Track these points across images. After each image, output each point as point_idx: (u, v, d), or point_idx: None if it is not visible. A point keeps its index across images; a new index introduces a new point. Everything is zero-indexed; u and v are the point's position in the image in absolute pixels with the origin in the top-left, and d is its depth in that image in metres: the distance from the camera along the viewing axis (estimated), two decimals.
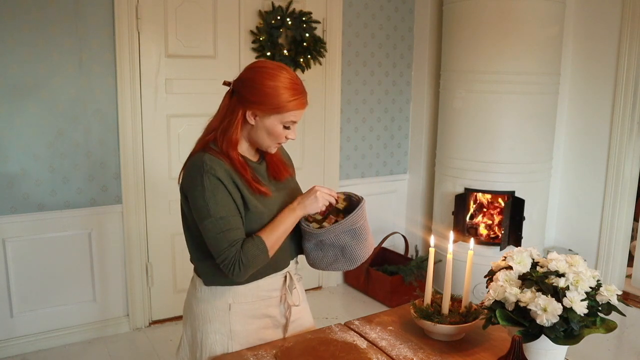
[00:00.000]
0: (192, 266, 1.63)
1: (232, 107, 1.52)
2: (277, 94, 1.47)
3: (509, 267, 1.41)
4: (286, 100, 1.47)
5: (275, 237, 1.49)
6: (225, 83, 1.55)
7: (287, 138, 1.55)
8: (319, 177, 3.73)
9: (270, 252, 1.48)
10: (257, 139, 1.54)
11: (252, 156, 1.59)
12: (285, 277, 1.61)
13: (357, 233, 1.57)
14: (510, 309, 1.33)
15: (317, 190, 1.53)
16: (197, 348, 1.57)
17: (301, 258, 1.68)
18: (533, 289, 1.33)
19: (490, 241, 3.49)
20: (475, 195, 3.54)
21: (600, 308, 1.32)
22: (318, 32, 3.50)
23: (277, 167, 1.64)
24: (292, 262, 1.65)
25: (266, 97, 1.47)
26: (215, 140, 1.53)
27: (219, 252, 1.44)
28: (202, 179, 1.44)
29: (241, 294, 1.55)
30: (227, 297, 1.55)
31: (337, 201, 1.60)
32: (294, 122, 1.53)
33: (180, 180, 1.54)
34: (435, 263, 3.39)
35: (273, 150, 1.57)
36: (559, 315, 1.26)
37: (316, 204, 1.52)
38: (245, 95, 1.49)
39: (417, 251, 3.97)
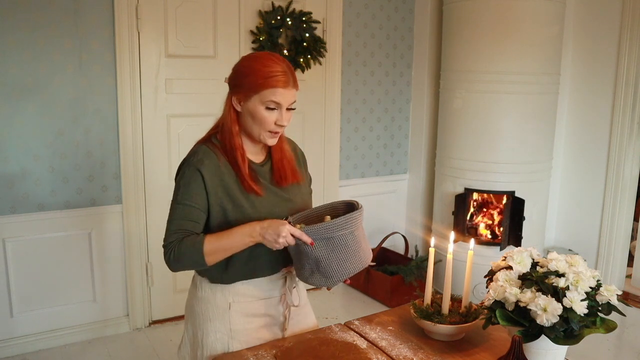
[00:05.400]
0: None
1: (226, 99, 1.54)
2: (252, 71, 1.45)
3: (509, 267, 1.41)
4: (262, 77, 1.43)
5: (217, 246, 1.41)
6: (225, 80, 1.56)
7: (277, 125, 1.48)
8: (319, 177, 3.74)
9: (207, 258, 1.41)
10: (247, 128, 1.51)
11: (256, 157, 1.57)
12: (286, 277, 1.61)
13: (334, 245, 1.40)
14: (510, 309, 1.33)
15: (285, 234, 1.38)
16: (198, 346, 1.57)
17: None
18: (533, 289, 1.33)
19: (490, 241, 3.49)
20: (475, 195, 3.54)
21: (600, 308, 1.32)
22: (318, 32, 3.50)
23: (282, 171, 1.58)
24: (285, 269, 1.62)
25: (243, 78, 1.47)
26: (217, 134, 1.54)
27: (165, 236, 1.46)
28: (186, 167, 1.48)
29: (241, 293, 1.55)
30: (227, 296, 1.55)
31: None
32: (277, 103, 1.45)
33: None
34: (435, 263, 3.39)
35: (269, 141, 1.51)
36: (559, 315, 1.26)
37: (273, 244, 1.40)
38: (230, 83, 1.52)
39: (417, 251, 3.97)
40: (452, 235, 1.64)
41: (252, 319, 1.57)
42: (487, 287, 1.44)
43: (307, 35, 3.38)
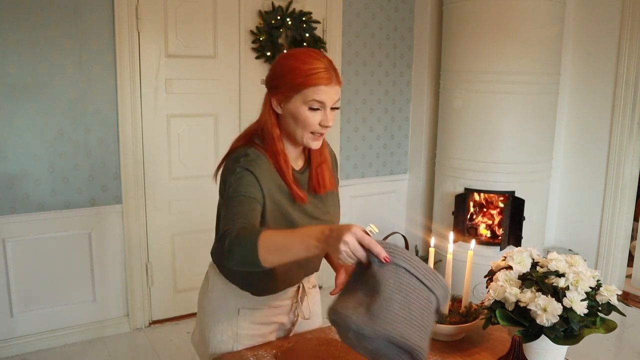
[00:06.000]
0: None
1: (265, 101, 1.44)
2: (292, 70, 1.35)
3: (509, 267, 1.41)
4: (303, 75, 1.33)
5: (275, 242, 1.17)
6: (262, 82, 1.51)
7: (322, 125, 1.38)
8: None
9: (261, 253, 1.16)
10: (289, 130, 1.41)
11: (295, 163, 1.49)
12: (299, 287, 1.59)
13: (408, 287, 1.06)
14: (510, 309, 1.33)
15: (349, 239, 1.08)
16: (204, 344, 1.58)
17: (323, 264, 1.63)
18: (533, 289, 1.33)
19: (490, 241, 3.49)
20: (475, 195, 3.54)
21: (600, 308, 1.32)
22: (318, 32, 3.49)
23: (320, 178, 1.49)
24: (305, 278, 1.60)
25: (282, 78, 1.36)
26: (257, 134, 1.44)
27: (219, 231, 1.28)
28: (237, 166, 1.34)
29: (252, 300, 1.52)
30: (237, 301, 1.52)
31: (367, 263, 1.10)
32: (321, 103, 1.35)
33: (219, 175, 1.43)
34: (435, 263, 3.39)
35: (313, 144, 1.41)
36: (559, 315, 1.26)
37: (336, 253, 1.10)
38: (268, 83, 1.42)
39: (417, 251, 3.97)
40: (451, 235, 1.64)
41: (260, 326, 1.55)
42: (487, 287, 1.44)
43: (307, 35, 3.38)
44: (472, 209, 3.57)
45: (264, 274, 1.40)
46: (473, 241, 1.67)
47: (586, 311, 1.28)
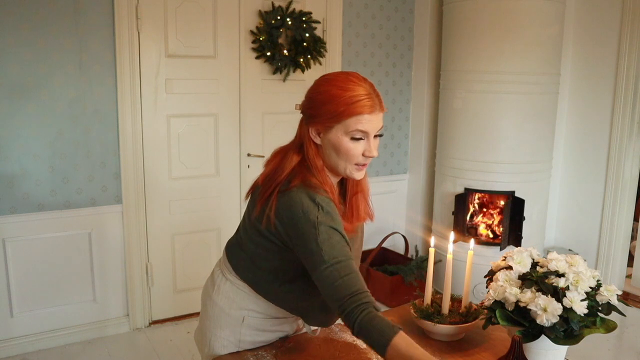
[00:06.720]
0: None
1: (303, 130, 1.35)
2: (332, 98, 1.27)
3: (509, 267, 1.41)
4: (344, 104, 1.25)
5: (409, 351, 1.13)
6: (296, 107, 1.39)
7: (365, 156, 1.31)
8: None
9: (389, 352, 1.14)
10: (330, 162, 1.33)
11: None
12: None
13: None
14: (510, 309, 1.33)
15: None
16: (205, 344, 1.57)
17: None
18: (533, 289, 1.33)
19: (490, 241, 3.49)
20: (475, 195, 3.54)
21: (600, 308, 1.32)
22: (318, 32, 3.49)
23: (354, 209, 1.43)
24: None
25: (321, 106, 1.29)
26: (306, 168, 1.34)
27: (339, 302, 1.20)
28: (319, 226, 1.24)
29: (257, 310, 1.51)
30: (242, 310, 1.50)
31: None
32: (364, 132, 1.28)
33: (275, 214, 1.31)
34: (435, 263, 3.39)
35: (356, 175, 1.34)
36: (559, 315, 1.26)
37: None
38: (305, 111, 1.34)
39: (417, 251, 3.97)
40: (452, 235, 1.64)
41: (263, 333, 1.54)
42: (487, 287, 1.44)
43: (307, 35, 3.38)
44: (472, 209, 3.57)
45: (321, 309, 1.42)
46: (472, 241, 1.67)
47: (586, 311, 1.28)
